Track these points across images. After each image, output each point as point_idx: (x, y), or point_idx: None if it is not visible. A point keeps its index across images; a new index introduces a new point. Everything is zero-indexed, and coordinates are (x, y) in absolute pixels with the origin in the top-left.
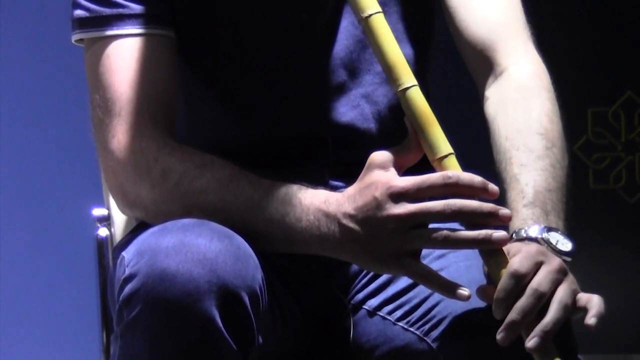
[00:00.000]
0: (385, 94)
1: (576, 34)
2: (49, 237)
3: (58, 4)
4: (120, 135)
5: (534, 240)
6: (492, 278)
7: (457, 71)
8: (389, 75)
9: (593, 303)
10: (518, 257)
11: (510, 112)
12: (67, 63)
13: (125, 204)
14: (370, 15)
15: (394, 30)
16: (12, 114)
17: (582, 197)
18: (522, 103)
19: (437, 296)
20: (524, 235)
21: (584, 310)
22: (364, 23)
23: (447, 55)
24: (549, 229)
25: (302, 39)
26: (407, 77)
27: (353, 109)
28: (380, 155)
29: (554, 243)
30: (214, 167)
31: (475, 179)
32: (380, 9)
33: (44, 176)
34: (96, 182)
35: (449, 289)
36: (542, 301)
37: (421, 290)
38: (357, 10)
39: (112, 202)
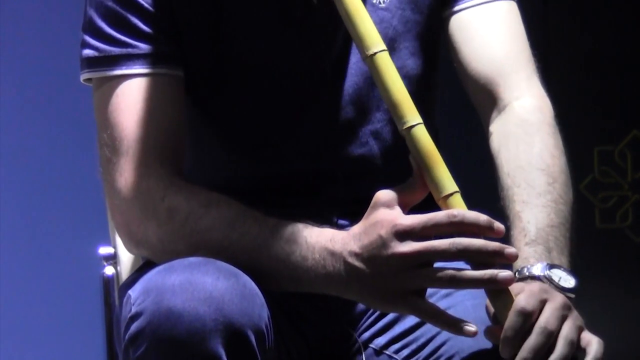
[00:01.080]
0: (393, 131)
1: (582, 71)
2: (55, 275)
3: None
4: (127, 174)
5: (537, 278)
6: (497, 318)
7: (464, 107)
8: (394, 113)
9: (592, 347)
10: (523, 296)
11: (512, 148)
12: (74, 105)
13: (131, 243)
14: (375, 53)
15: (403, 67)
16: (18, 152)
17: (589, 236)
18: (524, 138)
19: (444, 335)
20: (527, 274)
21: (583, 351)
22: (369, 61)
23: (453, 91)
24: (552, 266)
25: (310, 76)
26: (412, 115)
27: (361, 146)
28: (386, 194)
29: (556, 280)
30: (220, 205)
31: (480, 217)
32: (384, 47)
33: (50, 214)
34: (102, 220)
35: (455, 326)
36: (551, 339)
37: (428, 329)
38: (362, 49)
39: (119, 241)
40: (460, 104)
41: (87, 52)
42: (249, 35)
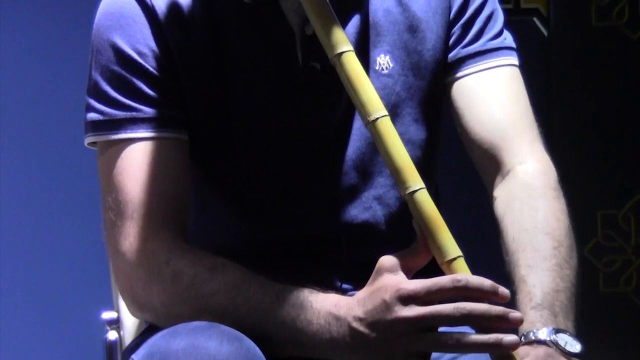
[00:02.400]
0: (397, 196)
1: (586, 135)
2: (58, 340)
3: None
4: (131, 237)
5: (543, 342)
6: None
7: (466, 171)
8: (397, 178)
9: None
10: None
11: (516, 212)
12: (78, 170)
13: (136, 307)
14: (377, 118)
15: (406, 133)
16: (21, 216)
17: (593, 300)
18: (528, 202)
19: None
20: (533, 338)
21: None
22: (371, 127)
23: (455, 155)
24: (557, 331)
25: (314, 141)
26: (414, 180)
27: (365, 211)
28: (389, 259)
29: (562, 345)
30: (225, 269)
31: (484, 282)
32: (386, 113)
33: (54, 279)
34: (106, 285)
35: None
36: None
37: None
38: (363, 114)
39: (122, 305)
40: (463, 167)
41: (92, 115)
42: (252, 101)
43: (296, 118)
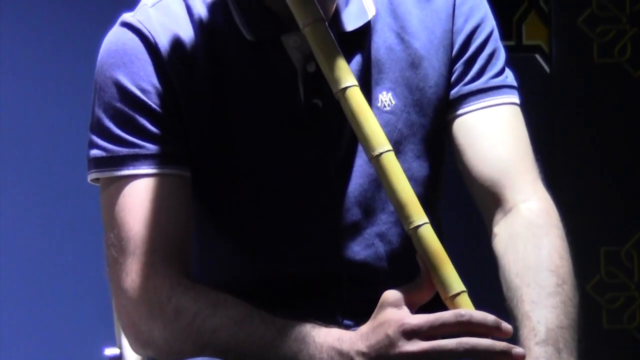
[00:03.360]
0: (399, 233)
1: (588, 173)
2: None
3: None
4: (134, 274)
5: None
6: None
7: (469, 207)
8: (401, 213)
9: None
10: None
11: (520, 249)
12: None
13: (138, 343)
14: (381, 153)
15: (408, 169)
16: (23, 253)
17: (596, 337)
18: (532, 240)
19: None
20: None
21: None
22: (375, 162)
23: (457, 191)
24: None
25: (316, 177)
26: (419, 216)
27: (367, 248)
28: (393, 294)
29: None
30: (227, 305)
31: (488, 317)
32: (390, 148)
33: (56, 315)
34: (108, 321)
35: None
36: None
37: None
38: (368, 149)
39: (124, 342)
40: (466, 203)
41: (95, 152)
42: (254, 137)
43: (298, 155)
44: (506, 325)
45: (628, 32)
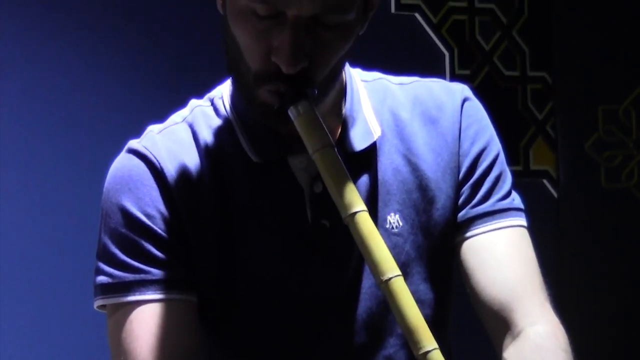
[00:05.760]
0: (407, 356)
1: (596, 297)
2: None
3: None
4: None
5: None
6: None
7: (476, 331)
8: (410, 338)
9: None
10: None
11: None
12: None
13: None
14: (390, 278)
15: (416, 292)
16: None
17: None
18: None
19: None
20: None
21: None
22: (384, 286)
23: (466, 314)
24: None
25: (323, 300)
26: (428, 341)
27: None
28: None
29: None
30: None
31: None
32: (399, 272)
33: (58, 318)
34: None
35: None
36: None
37: None
38: (377, 273)
39: None
40: (475, 326)
41: (101, 279)
42: (261, 259)
43: (306, 276)
44: None
45: (635, 157)
